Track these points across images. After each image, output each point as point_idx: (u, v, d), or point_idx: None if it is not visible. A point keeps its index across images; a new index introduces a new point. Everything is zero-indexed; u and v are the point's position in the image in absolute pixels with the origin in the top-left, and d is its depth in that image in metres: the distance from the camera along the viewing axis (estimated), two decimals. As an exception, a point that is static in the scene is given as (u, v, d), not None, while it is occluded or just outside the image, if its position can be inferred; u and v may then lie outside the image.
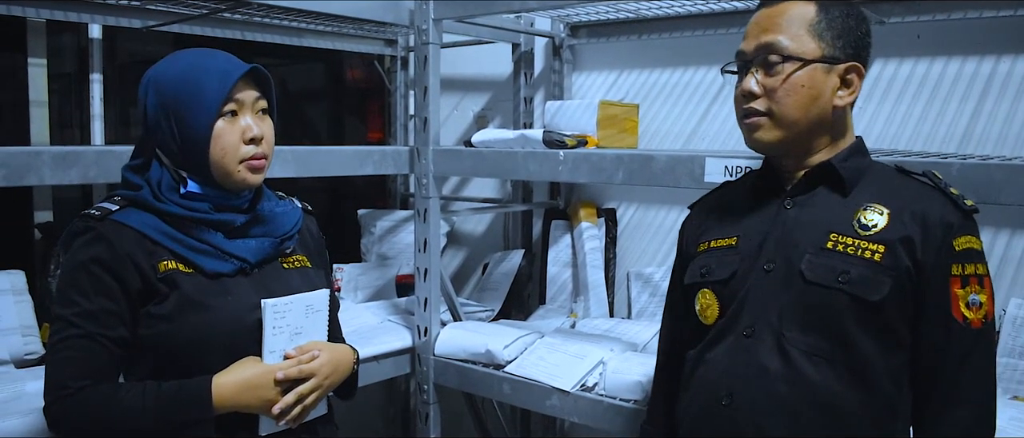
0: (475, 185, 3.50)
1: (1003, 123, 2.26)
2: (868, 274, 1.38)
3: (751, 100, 1.46)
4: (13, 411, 1.86)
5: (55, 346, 1.46)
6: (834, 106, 1.45)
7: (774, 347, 1.43)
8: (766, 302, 1.46)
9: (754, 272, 1.48)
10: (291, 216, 1.69)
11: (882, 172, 1.50)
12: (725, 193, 1.70)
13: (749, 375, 1.45)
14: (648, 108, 2.91)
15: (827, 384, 1.39)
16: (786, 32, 1.43)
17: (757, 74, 1.46)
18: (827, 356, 1.40)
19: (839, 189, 1.46)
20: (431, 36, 2.52)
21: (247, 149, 1.54)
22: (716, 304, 1.53)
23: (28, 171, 1.85)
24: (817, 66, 1.42)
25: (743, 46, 1.50)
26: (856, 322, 1.38)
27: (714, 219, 1.63)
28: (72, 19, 2.57)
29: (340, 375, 1.65)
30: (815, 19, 1.43)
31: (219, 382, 1.47)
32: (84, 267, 1.46)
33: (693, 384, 1.55)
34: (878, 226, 1.40)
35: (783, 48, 1.43)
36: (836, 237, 1.42)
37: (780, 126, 1.45)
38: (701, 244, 1.61)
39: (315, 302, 1.61)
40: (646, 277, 2.91)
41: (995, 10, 2.19)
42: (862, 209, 1.43)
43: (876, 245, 1.39)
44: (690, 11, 2.70)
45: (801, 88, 1.42)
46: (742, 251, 1.52)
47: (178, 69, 1.52)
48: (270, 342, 1.53)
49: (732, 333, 1.49)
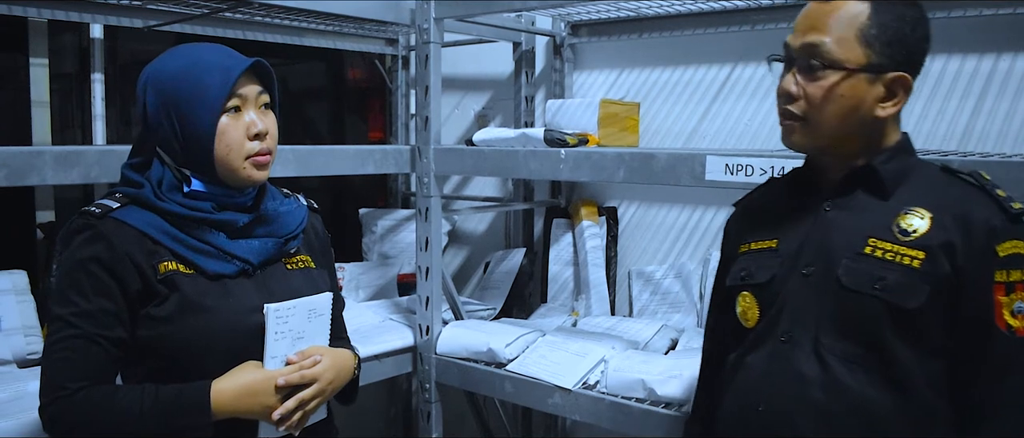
0: (476, 184, 3.50)
1: (1003, 121, 2.26)
2: (905, 281, 1.34)
3: (789, 101, 1.42)
4: (16, 411, 1.86)
5: (52, 346, 1.43)
6: (875, 116, 1.39)
7: (811, 353, 1.40)
8: (804, 307, 1.43)
9: (793, 276, 1.45)
10: (296, 215, 1.66)
11: (927, 172, 1.44)
12: (768, 191, 1.65)
13: (786, 381, 1.42)
14: (649, 106, 2.91)
15: (863, 390, 1.36)
16: (833, 34, 1.37)
17: (798, 75, 1.40)
18: (863, 362, 1.37)
19: (879, 192, 1.42)
20: (432, 35, 2.52)
21: (252, 145, 1.51)
22: (756, 307, 1.50)
23: (30, 171, 1.85)
24: (861, 76, 1.36)
25: (790, 39, 1.43)
26: (893, 329, 1.35)
27: (756, 219, 1.59)
28: (73, 19, 2.57)
29: (342, 380, 1.63)
30: (866, 23, 1.36)
31: (219, 387, 1.45)
32: (83, 266, 1.43)
33: (732, 388, 1.53)
34: (918, 231, 1.35)
35: (826, 53, 1.37)
36: (875, 242, 1.38)
37: (815, 133, 1.41)
38: (742, 245, 1.58)
39: (318, 306, 1.59)
40: (647, 275, 2.91)
41: (995, 8, 2.19)
42: (903, 213, 1.38)
43: (915, 251, 1.34)
44: (691, 9, 2.69)
45: (840, 98, 1.37)
46: (782, 254, 1.49)
47: (178, 65, 1.49)
48: (272, 347, 1.51)
49: (770, 338, 1.47)
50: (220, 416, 1.45)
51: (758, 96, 2.67)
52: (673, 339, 2.59)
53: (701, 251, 2.82)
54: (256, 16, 2.87)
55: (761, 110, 2.67)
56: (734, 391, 1.52)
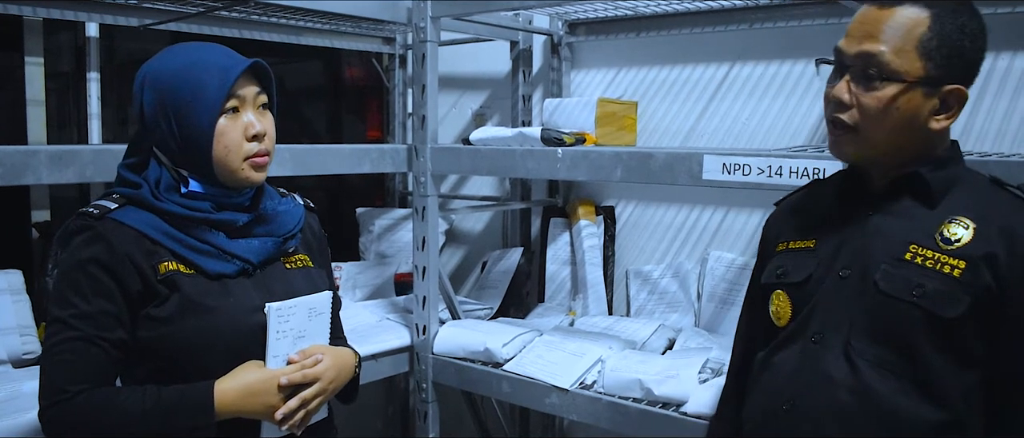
0: (473, 183, 3.49)
1: (1001, 119, 2.26)
2: (945, 290, 1.32)
3: (841, 110, 1.38)
4: (11, 411, 1.86)
5: (52, 349, 1.42)
6: (929, 129, 1.36)
7: (841, 356, 1.39)
8: (838, 309, 1.41)
9: (829, 278, 1.44)
10: (293, 214, 1.65)
11: (975, 182, 1.42)
12: (811, 193, 1.63)
13: (813, 382, 1.41)
14: (646, 105, 2.91)
15: (892, 397, 1.34)
16: (891, 43, 1.32)
17: (852, 83, 1.36)
18: (895, 369, 1.35)
19: (926, 200, 1.39)
20: (429, 34, 2.52)
21: (250, 146, 1.50)
22: (789, 306, 1.49)
23: (25, 170, 1.84)
24: (918, 88, 1.33)
25: (843, 45, 1.39)
26: (928, 337, 1.33)
27: (796, 219, 1.58)
28: (69, 18, 2.56)
29: (343, 379, 1.62)
30: (926, 34, 1.32)
31: (221, 388, 1.44)
32: (82, 267, 1.42)
33: (758, 387, 1.53)
34: (962, 240, 1.33)
35: (884, 62, 1.32)
36: (916, 249, 1.36)
37: (865, 144, 1.38)
38: (780, 244, 1.57)
39: (318, 305, 1.59)
40: (645, 275, 2.91)
41: (993, 6, 2.19)
42: (947, 222, 1.36)
43: (957, 260, 1.32)
44: (688, 8, 2.69)
45: (896, 111, 1.34)
46: (819, 255, 1.47)
47: (176, 65, 1.47)
48: (274, 347, 1.51)
49: (801, 338, 1.45)
50: (223, 416, 1.45)
51: (756, 95, 2.67)
52: (670, 339, 2.59)
53: (699, 251, 2.82)
54: (253, 15, 2.86)
55: (759, 109, 2.66)
56: (760, 390, 1.52)
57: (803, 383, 1.43)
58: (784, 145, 2.56)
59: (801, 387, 1.43)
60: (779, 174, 1.85)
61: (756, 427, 1.52)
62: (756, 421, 1.52)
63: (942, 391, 1.33)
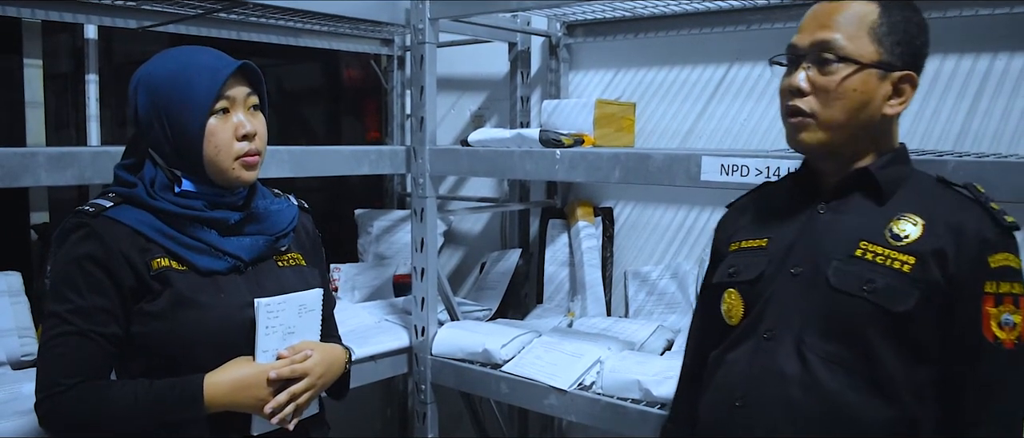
0: (472, 184, 3.49)
1: (999, 120, 2.26)
2: (894, 285, 1.34)
3: (798, 97, 1.42)
4: (10, 412, 1.86)
5: (48, 343, 1.46)
6: (883, 114, 1.41)
7: (793, 351, 1.41)
8: (789, 306, 1.44)
9: (781, 275, 1.46)
10: (286, 214, 1.69)
11: (922, 181, 1.45)
12: (762, 194, 1.67)
13: (765, 378, 1.43)
14: (645, 107, 2.91)
15: (843, 392, 1.37)
16: (844, 30, 1.39)
17: (809, 71, 1.41)
18: (846, 364, 1.37)
19: (875, 197, 1.43)
20: (427, 35, 2.52)
21: (240, 146, 1.54)
22: (741, 305, 1.51)
23: (24, 172, 1.85)
24: (872, 71, 1.38)
25: (796, 39, 1.45)
26: (879, 332, 1.35)
27: (748, 219, 1.61)
28: (68, 20, 2.56)
29: (333, 375, 1.66)
30: (877, 21, 1.39)
31: (211, 381, 1.48)
32: (77, 263, 1.46)
33: (712, 385, 1.54)
34: (911, 237, 1.37)
35: (840, 47, 1.38)
36: (866, 245, 1.39)
37: (825, 129, 1.41)
38: (732, 244, 1.59)
39: (308, 302, 1.61)
40: (643, 276, 2.91)
41: (991, 7, 2.20)
42: (896, 219, 1.39)
43: (906, 256, 1.35)
44: (686, 10, 2.69)
45: (853, 92, 1.38)
46: (771, 253, 1.50)
47: (168, 68, 1.52)
48: (263, 341, 1.54)
49: (753, 335, 1.47)
50: (213, 409, 1.48)
51: (754, 96, 2.67)
52: (669, 340, 2.59)
53: (697, 251, 2.82)
54: (251, 16, 2.86)
55: (757, 110, 2.67)
56: (714, 387, 1.53)
57: (755, 379, 1.45)
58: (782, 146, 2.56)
59: (753, 383, 1.45)
60: (777, 175, 1.85)
61: (709, 424, 1.54)
62: (710, 417, 1.54)
63: (893, 387, 1.36)
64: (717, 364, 1.54)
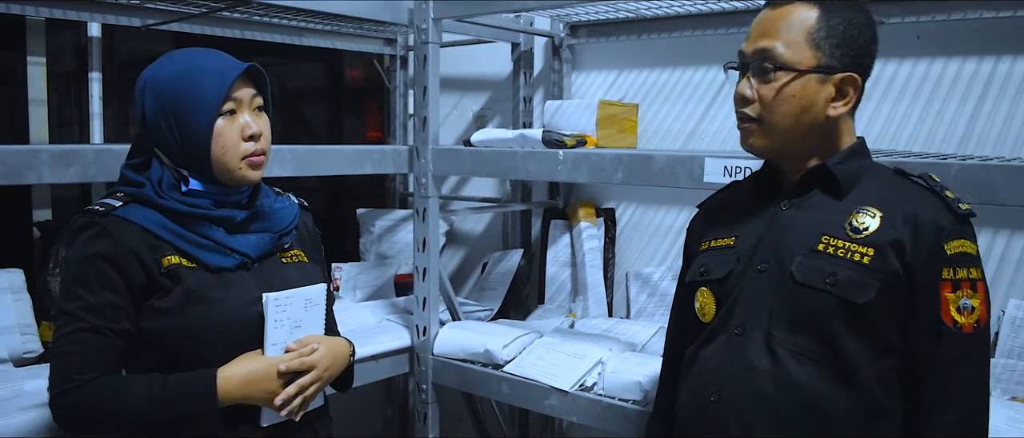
0: (474, 184, 3.50)
1: (1003, 124, 2.26)
2: (855, 277, 1.38)
3: (745, 105, 1.47)
4: (12, 409, 1.86)
5: (60, 340, 1.48)
6: (827, 116, 1.44)
7: (763, 346, 1.45)
8: (758, 302, 1.47)
9: (749, 272, 1.50)
10: (289, 212, 1.72)
11: (880, 173, 1.49)
12: (730, 193, 1.71)
13: (737, 373, 1.47)
14: (647, 108, 2.91)
15: (812, 384, 1.40)
16: (783, 38, 1.42)
17: (752, 79, 1.46)
18: (814, 356, 1.41)
19: (834, 191, 1.47)
20: (431, 35, 2.52)
21: (247, 146, 1.57)
22: (713, 302, 1.55)
23: (27, 169, 1.85)
24: (811, 76, 1.42)
25: (744, 46, 1.49)
26: (843, 324, 1.39)
27: (717, 219, 1.65)
28: (71, 17, 2.57)
29: (338, 367, 1.69)
30: (815, 26, 1.42)
31: (224, 375, 1.51)
32: (88, 262, 1.48)
33: (688, 381, 1.58)
34: (870, 229, 1.40)
35: (777, 56, 1.42)
36: (827, 239, 1.42)
37: (770, 134, 1.46)
38: (703, 243, 1.63)
39: (314, 296, 1.65)
40: (645, 277, 2.91)
41: (995, 10, 2.19)
42: (855, 212, 1.43)
43: (866, 248, 1.39)
44: (689, 11, 2.70)
45: (792, 98, 1.42)
46: (739, 251, 1.53)
47: (175, 70, 1.54)
48: (272, 335, 1.57)
49: (725, 331, 1.51)
50: (226, 402, 1.51)
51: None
52: (671, 341, 2.58)
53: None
54: (254, 16, 2.86)
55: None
56: (690, 384, 1.57)
57: (728, 374, 1.48)
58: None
59: (726, 378, 1.48)
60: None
61: (686, 420, 1.57)
62: (687, 413, 1.57)
63: (859, 376, 1.39)
64: (692, 360, 1.58)
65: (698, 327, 1.58)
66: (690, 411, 1.56)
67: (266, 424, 1.58)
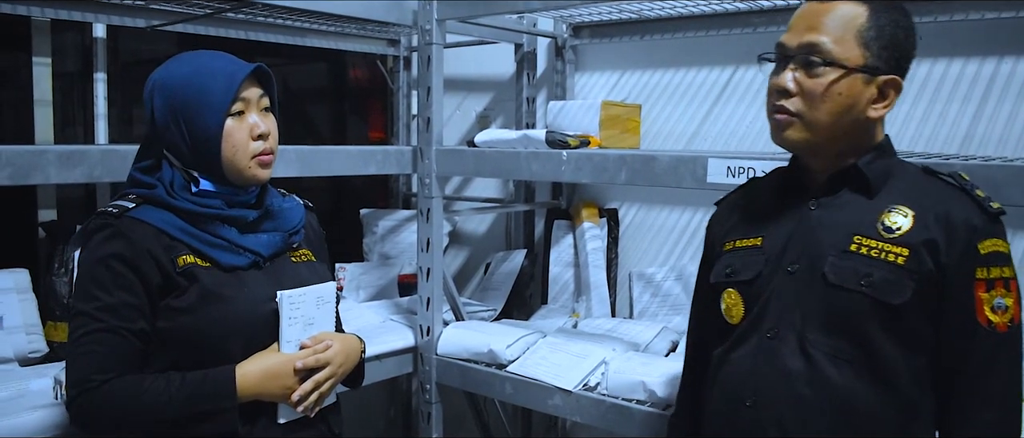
0: (477, 185, 3.50)
1: (1005, 125, 2.27)
2: (891, 277, 1.37)
3: (784, 97, 1.44)
4: (18, 409, 1.87)
5: (77, 341, 1.48)
6: (867, 117, 1.42)
7: (797, 349, 1.43)
8: (789, 304, 1.45)
9: (778, 273, 1.48)
10: (296, 212, 1.74)
11: (909, 173, 1.47)
12: (751, 190, 1.68)
13: (772, 377, 1.45)
14: (651, 108, 2.92)
15: (849, 385, 1.39)
16: (832, 34, 1.39)
17: (796, 71, 1.42)
18: (849, 358, 1.40)
19: (864, 191, 1.44)
20: (434, 36, 2.53)
21: (256, 145, 1.58)
22: (741, 304, 1.52)
23: (34, 170, 1.86)
24: (858, 75, 1.39)
25: (785, 38, 1.45)
26: (878, 325, 1.38)
27: (740, 217, 1.62)
28: (77, 18, 2.58)
29: (351, 364, 1.71)
30: (865, 25, 1.39)
31: (243, 371, 1.52)
32: (103, 262, 1.49)
33: (718, 384, 1.56)
34: (902, 228, 1.38)
35: (827, 51, 1.39)
36: (859, 239, 1.40)
37: (808, 129, 1.42)
38: (727, 243, 1.61)
39: (325, 294, 1.67)
40: (648, 277, 2.91)
41: (997, 11, 2.20)
42: (887, 211, 1.41)
43: (900, 248, 1.37)
44: (693, 12, 2.70)
45: (838, 96, 1.39)
46: (767, 252, 1.51)
47: (183, 72, 1.56)
48: (287, 332, 1.59)
49: (756, 334, 1.49)
50: (244, 399, 1.53)
51: (760, 99, 2.66)
52: (674, 341, 2.59)
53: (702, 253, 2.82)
54: (259, 16, 2.87)
55: (763, 113, 2.64)
56: (721, 387, 1.55)
57: (762, 378, 1.47)
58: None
59: (761, 383, 1.47)
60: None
61: (719, 424, 1.55)
62: (719, 418, 1.55)
63: (894, 376, 1.39)
64: (722, 363, 1.55)
65: (725, 328, 1.56)
66: (722, 415, 1.54)
67: (283, 420, 1.60)
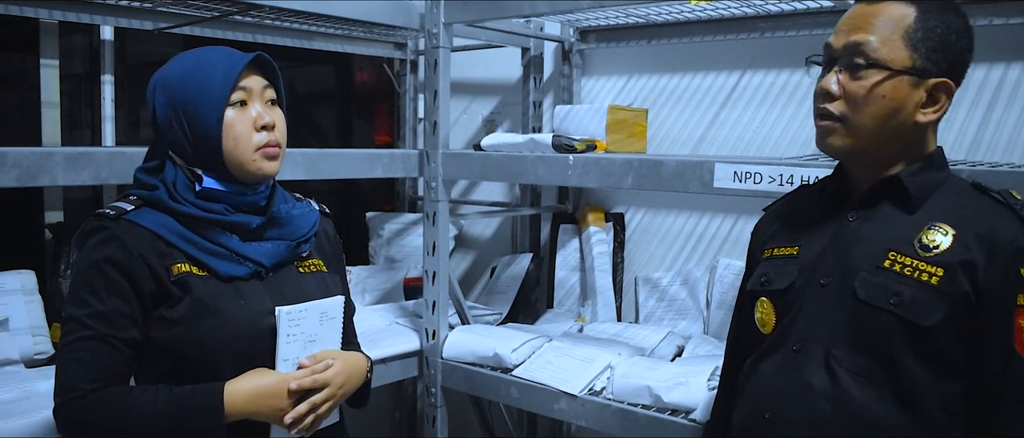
0: (483, 189, 3.50)
1: (1012, 131, 2.26)
2: (921, 298, 1.31)
3: (828, 100, 1.39)
4: (23, 411, 1.86)
5: (66, 347, 1.44)
6: (915, 122, 1.37)
7: (822, 364, 1.39)
8: (818, 318, 1.41)
9: (811, 285, 1.44)
10: (308, 218, 1.67)
11: (956, 187, 1.41)
12: (797, 198, 1.64)
13: (793, 391, 1.41)
14: (657, 113, 2.92)
15: (870, 405, 1.34)
16: (878, 34, 1.34)
17: (840, 74, 1.38)
18: (873, 377, 1.35)
19: (905, 205, 1.39)
20: (441, 40, 2.52)
21: (260, 137, 1.53)
22: (773, 314, 1.49)
23: (41, 171, 1.86)
24: (904, 77, 1.34)
25: (832, 40, 1.41)
26: (906, 346, 1.32)
27: (781, 225, 1.58)
28: (84, 21, 2.58)
29: (354, 384, 1.63)
30: (913, 26, 1.34)
31: (232, 389, 1.45)
32: (97, 267, 1.45)
33: (744, 394, 1.53)
34: (940, 247, 1.32)
35: (871, 51, 1.34)
36: (894, 256, 1.35)
37: (853, 134, 1.38)
38: (766, 250, 1.57)
39: (330, 309, 1.60)
40: (654, 282, 2.91)
41: (1005, 17, 2.19)
42: (927, 228, 1.35)
43: (935, 268, 1.31)
44: (700, 16, 2.70)
45: (882, 99, 1.34)
46: (802, 262, 1.47)
47: (184, 67, 1.52)
48: (284, 350, 1.52)
49: (783, 346, 1.46)
50: (233, 418, 1.46)
51: (767, 103, 2.67)
52: (679, 346, 2.59)
53: (708, 258, 2.82)
54: (265, 19, 2.88)
55: (770, 117, 2.67)
56: (746, 397, 1.52)
57: (784, 391, 1.43)
58: (795, 153, 2.57)
59: (781, 395, 1.44)
60: (790, 183, 1.85)
61: (741, 434, 1.53)
62: (741, 427, 1.53)
63: (921, 401, 1.33)
64: (751, 373, 1.52)
65: (757, 338, 1.53)
66: (745, 425, 1.51)
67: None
